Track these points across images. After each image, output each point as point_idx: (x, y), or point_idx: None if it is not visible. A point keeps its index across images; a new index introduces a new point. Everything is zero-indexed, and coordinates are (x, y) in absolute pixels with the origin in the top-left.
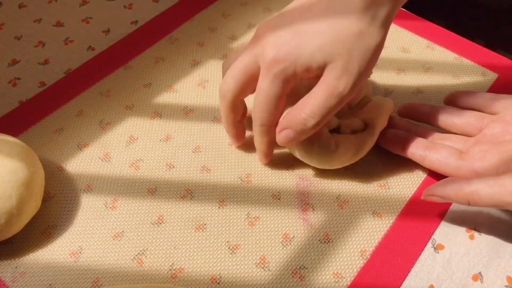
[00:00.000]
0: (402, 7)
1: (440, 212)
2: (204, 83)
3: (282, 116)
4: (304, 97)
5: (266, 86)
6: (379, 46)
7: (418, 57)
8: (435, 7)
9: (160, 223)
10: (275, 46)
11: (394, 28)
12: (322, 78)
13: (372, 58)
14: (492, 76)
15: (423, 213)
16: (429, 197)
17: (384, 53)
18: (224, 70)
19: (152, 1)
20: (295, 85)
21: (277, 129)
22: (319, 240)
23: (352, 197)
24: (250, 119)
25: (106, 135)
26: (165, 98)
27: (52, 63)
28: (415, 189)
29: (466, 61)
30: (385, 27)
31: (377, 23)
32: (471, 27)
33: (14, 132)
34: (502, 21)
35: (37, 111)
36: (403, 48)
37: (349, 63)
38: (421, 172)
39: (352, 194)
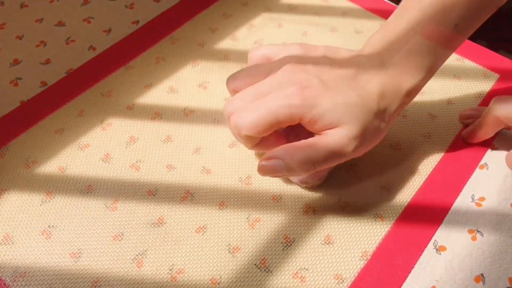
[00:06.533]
0: None
1: (442, 213)
2: (205, 84)
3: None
4: (307, 142)
5: (276, 105)
6: (383, 133)
7: None
8: None
9: (160, 225)
10: (302, 83)
11: None
12: (330, 135)
13: (378, 138)
14: (493, 77)
15: (425, 214)
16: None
17: None
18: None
19: (153, 1)
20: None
21: (268, 154)
22: (320, 242)
23: (353, 198)
24: None
25: (107, 135)
26: (166, 98)
27: (53, 63)
28: (416, 190)
29: (467, 62)
30: (389, 121)
31: (386, 116)
32: None
33: (15, 132)
34: (504, 22)
35: (38, 111)
36: None
37: (363, 132)
38: (422, 173)
39: (354, 195)
